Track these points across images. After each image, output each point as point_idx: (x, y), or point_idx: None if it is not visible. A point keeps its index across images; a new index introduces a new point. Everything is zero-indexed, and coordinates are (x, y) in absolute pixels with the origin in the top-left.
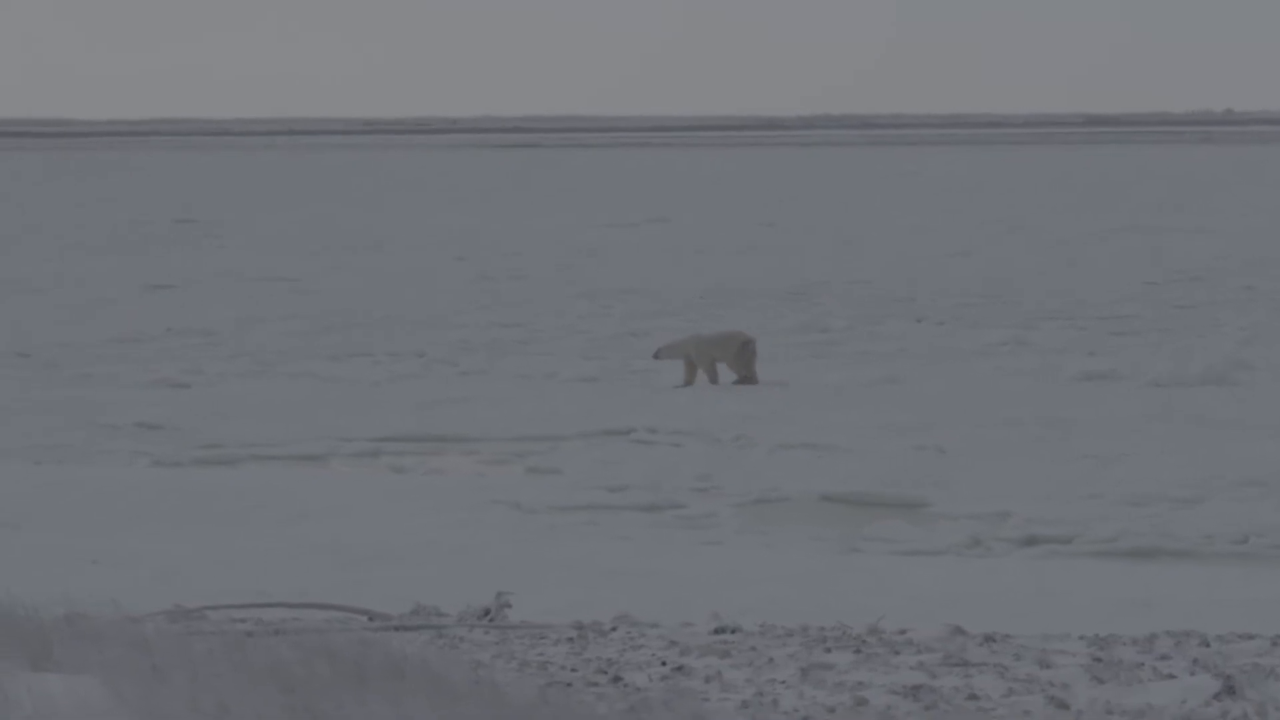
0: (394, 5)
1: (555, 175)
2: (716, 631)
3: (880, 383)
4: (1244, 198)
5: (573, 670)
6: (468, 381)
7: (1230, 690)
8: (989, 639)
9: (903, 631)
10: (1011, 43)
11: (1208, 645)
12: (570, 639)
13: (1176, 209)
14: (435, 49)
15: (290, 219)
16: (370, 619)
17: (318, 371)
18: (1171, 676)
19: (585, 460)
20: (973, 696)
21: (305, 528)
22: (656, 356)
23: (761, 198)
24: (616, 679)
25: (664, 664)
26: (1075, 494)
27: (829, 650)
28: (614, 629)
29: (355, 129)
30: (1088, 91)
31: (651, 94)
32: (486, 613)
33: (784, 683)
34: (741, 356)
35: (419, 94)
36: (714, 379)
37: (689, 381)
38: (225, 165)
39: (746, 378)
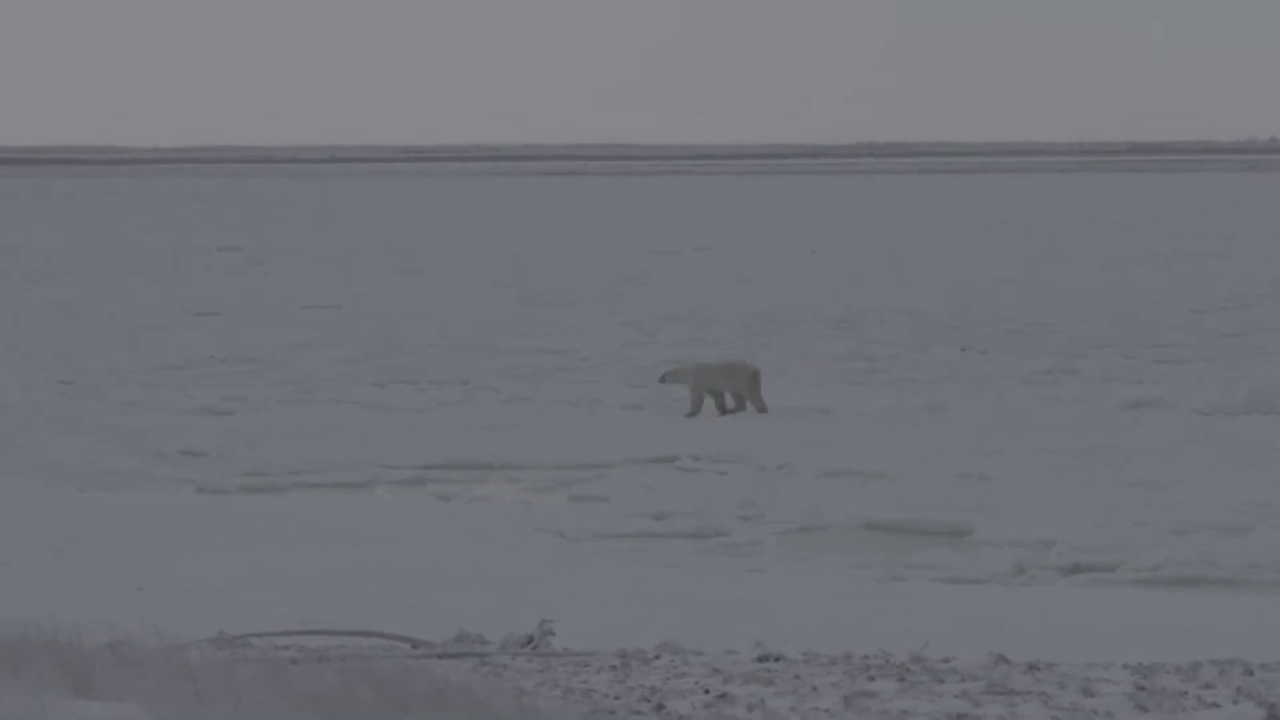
0: (437, 35)
1: (599, 202)
2: (760, 659)
3: (925, 410)
4: None
5: (616, 698)
6: (512, 409)
7: (1274, 719)
8: (1033, 667)
9: (946, 659)
10: (1056, 70)
11: (1251, 674)
12: (613, 667)
13: (1221, 237)
14: (473, 73)
15: (334, 246)
16: (414, 646)
17: (361, 398)
18: (1215, 705)
19: (629, 488)
20: None
21: (349, 554)
22: (662, 381)
23: (805, 225)
24: (660, 707)
25: (707, 692)
26: (1120, 522)
27: (872, 678)
28: (657, 657)
29: (397, 156)
30: (1133, 119)
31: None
32: (530, 640)
33: (827, 711)
34: (754, 386)
35: (460, 122)
36: (721, 408)
37: (694, 411)
38: (269, 192)
39: (758, 408)
